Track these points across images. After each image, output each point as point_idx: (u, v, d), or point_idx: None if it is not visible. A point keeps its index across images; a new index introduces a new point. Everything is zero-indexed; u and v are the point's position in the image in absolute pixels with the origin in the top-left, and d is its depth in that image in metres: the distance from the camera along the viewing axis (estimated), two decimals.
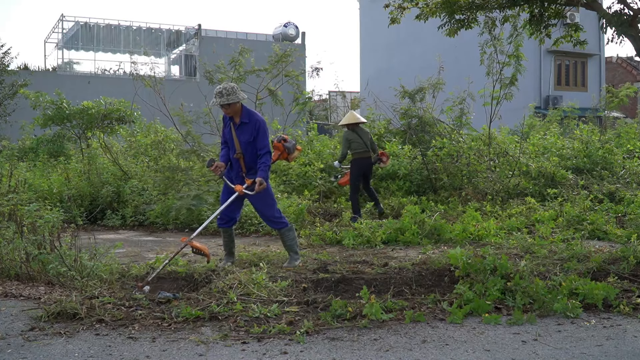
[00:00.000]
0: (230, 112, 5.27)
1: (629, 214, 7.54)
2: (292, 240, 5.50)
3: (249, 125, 5.28)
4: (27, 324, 3.79)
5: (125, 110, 11.61)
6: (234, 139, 5.33)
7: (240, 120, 5.30)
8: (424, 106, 10.91)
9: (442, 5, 6.94)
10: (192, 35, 30.80)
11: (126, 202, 8.92)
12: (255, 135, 5.25)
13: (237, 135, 5.32)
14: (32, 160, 12.45)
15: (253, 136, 5.25)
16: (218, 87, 5.25)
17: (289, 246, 5.50)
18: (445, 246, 6.41)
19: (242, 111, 5.31)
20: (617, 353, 3.36)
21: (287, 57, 10.47)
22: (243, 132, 5.30)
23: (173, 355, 3.31)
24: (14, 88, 20.98)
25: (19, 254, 4.98)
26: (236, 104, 5.23)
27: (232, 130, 5.34)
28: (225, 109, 5.25)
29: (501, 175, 9.57)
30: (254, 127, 5.26)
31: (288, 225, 5.51)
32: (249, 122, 5.28)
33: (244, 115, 5.30)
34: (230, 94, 5.16)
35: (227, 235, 5.57)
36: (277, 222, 5.45)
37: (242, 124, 5.30)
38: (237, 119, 5.32)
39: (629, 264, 4.88)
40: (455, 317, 3.87)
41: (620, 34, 6.15)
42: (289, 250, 5.52)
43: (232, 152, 5.40)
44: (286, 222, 5.50)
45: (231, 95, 5.16)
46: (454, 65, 16.25)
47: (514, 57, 9.61)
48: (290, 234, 5.49)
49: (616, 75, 30.74)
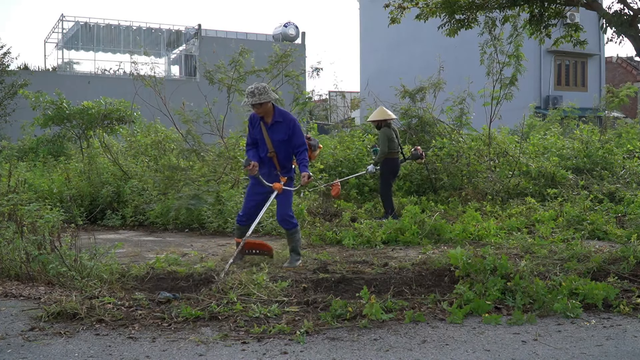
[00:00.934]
0: (262, 111, 5.34)
1: (629, 214, 7.54)
2: (297, 241, 5.59)
3: (283, 124, 5.38)
4: (27, 324, 3.79)
5: (125, 110, 11.62)
6: (265, 139, 5.40)
7: (273, 119, 5.38)
8: (424, 106, 10.91)
9: (442, 5, 6.94)
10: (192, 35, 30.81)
11: (126, 202, 8.91)
12: (290, 133, 5.37)
13: (270, 135, 5.40)
14: (32, 160, 12.46)
15: (288, 135, 5.37)
16: (250, 87, 5.32)
17: (294, 247, 5.56)
18: (445, 246, 6.41)
19: (275, 110, 5.41)
20: (617, 353, 3.36)
21: (287, 57, 10.47)
22: (276, 131, 5.39)
23: (173, 355, 3.31)
24: (14, 88, 20.98)
25: (19, 254, 4.98)
26: (267, 103, 5.30)
27: (264, 129, 5.40)
28: (256, 109, 5.32)
29: (501, 175, 9.57)
30: (288, 125, 5.38)
31: (297, 226, 5.60)
32: (283, 121, 5.39)
33: (276, 114, 5.40)
34: (262, 93, 5.23)
35: (241, 232, 5.60)
36: (290, 221, 5.54)
37: (275, 123, 5.39)
38: (268, 119, 5.40)
39: (629, 264, 4.88)
40: (455, 317, 3.87)
41: (620, 34, 6.15)
42: (293, 250, 5.57)
43: (262, 152, 5.47)
44: (296, 223, 5.61)
45: (263, 94, 5.22)
46: (454, 65, 16.25)
47: (514, 57, 9.61)
48: (297, 235, 5.58)
49: (616, 75, 30.74)
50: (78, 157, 11.31)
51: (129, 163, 10.45)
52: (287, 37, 30.97)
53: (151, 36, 30.99)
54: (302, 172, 5.40)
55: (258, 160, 5.44)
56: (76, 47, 30.07)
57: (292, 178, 5.64)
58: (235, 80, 9.98)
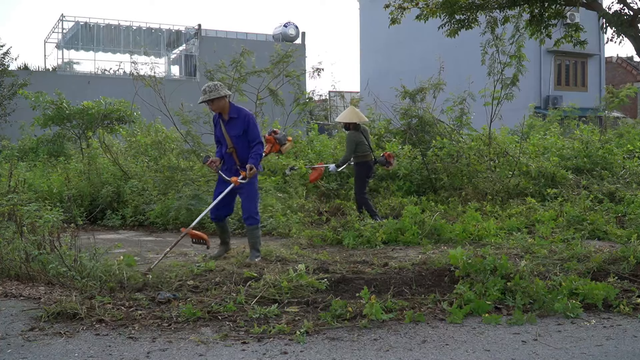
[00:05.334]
0: (217, 108, 5.56)
1: (629, 214, 7.54)
2: (257, 237, 5.77)
3: (238, 119, 5.58)
4: (27, 324, 3.79)
5: (125, 110, 11.62)
6: (224, 135, 5.61)
7: (228, 115, 5.60)
8: (424, 106, 10.91)
9: (442, 5, 6.94)
10: (192, 35, 30.76)
11: (126, 202, 8.91)
12: (245, 128, 5.56)
13: (228, 131, 5.61)
14: (32, 160, 12.46)
15: (243, 129, 5.56)
16: (203, 86, 5.53)
17: (253, 243, 5.74)
18: (445, 246, 6.40)
19: (230, 107, 5.61)
20: (617, 353, 3.36)
21: (288, 58, 10.49)
22: (233, 127, 5.59)
23: (173, 355, 3.31)
24: (14, 88, 20.97)
25: (19, 254, 4.98)
26: (220, 99, 5.51)
27: (222, 126, 5.62)
28: (211, 106, 5.55)
29: (501, 175, 9.57)
30: (243, 120, 5.57)
31: (259, 223, 5.82)
32: (238, 116, 5.59)
33: (232, 110, 5.61)
34: (213, 90, 5.45)
35: (219, 227, 5.94)
36: (254, 218, 5.73)
37: (231, 119, 5.60)
38: (225, 115, 5.62)
39: (629, 264, 4.87)
40: (455, 317, 3.87)
41: (620, 34, 6.16)
42: (252, 247, 5.74)
43: (224, 148, 5.69)
44: (259, 220, 5.82)
45: (214, 91, 5.44)
46: (454, 65, 16.24)
47: (515, 58, 9.60)
48: (257, 232, 5.78)
49: (616, 75, 30.74)
50: (78, 157, 11.31)
51: (129, 163, 10.45)
52: (287, 37, 30.92)
53: (151, 36, 30.95)
54: (248, 163, 5.53)
55: (220, 156, 5.68)
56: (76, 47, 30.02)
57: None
58: (236, 81, 9.99)
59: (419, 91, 10.81)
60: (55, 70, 29.29)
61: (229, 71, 10.04)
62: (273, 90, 10.59)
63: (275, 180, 9.39)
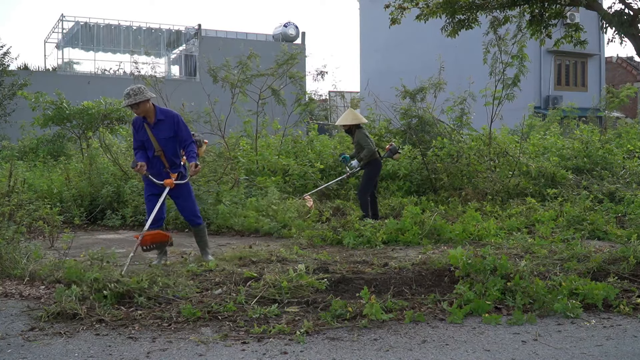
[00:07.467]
0: (141, 112, 5.43)
1: (629, 214, 7.54)
2: (205, 236, 5.82)
3: (165, 121, 5.50)
4: (27, 324, 3.80)
5: (125, 110, 11.59)
6: (150, 139, 5.48)
7: (155, 118, 5.49)
8: (424, 106, 10.90)
9: (442, 5, 6.94)
10: (192, 35, 30.76)
11: (126, 202, 8.91)
12: (176, 129, 5.50)
13: (156, 134, 5.49)
14: (32, 160, 12.45)
15: (174, 130, 5.50)
16: (126, 90, 5.41)
17: (204, 242, 5.80)
18: (445, 246, 6.40)
19: (156, 110, 5.50)
20: (617, 353, 3.36)
21: (293, 59, 10.52)
22: (161, 130, 5.50)
23: (173, 355, 3.31)
24: (14, 88, 20.96)
25: (19, 254, 4.98)
26: (145, 103, 5.39)
27: (148, 130, 5.49)
28: (135, 110, 5.41)
29: (501, 175, 9.57)
30: (172, 122, 5.50)
31: (203, 223, 5.86)
32: (165, 118, 5.51)
33: (158, 113, 5.51)
34: (138, 93, 5.32)
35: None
36: (198, 216, 5.76)
37: (158, 121, 5.50)
38: (151, 119, 5.49)
39: (629, 264, 4.87)
40: (455, 317, 3.87)
41: (620, 34, 6.15)
42: (204, 246, 5.80)
43: (150, 152, 5.55)
44: (202, 218, 5.86)
45: (138, 95, 5.32)
46: (454, 65, 16.23)
47: (517, 58, 9.60)
48: (205, 231, 5.83)
49: (616, 75, 30.74)
50: (78, 157, 11.31)
51: (129, 163, 10.44)
52: (287, 37, 30.91)
53: (151, 36, 30.95)
54: (189, 163, 5.49)
55: (146, 160, 5.52)
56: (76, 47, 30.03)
57: (183, 173, 5.71)
58: (240, 82, 10.01)
59: (419, 91, 10.80)
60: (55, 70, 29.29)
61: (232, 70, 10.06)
62: (275, 90, 10.60)
63: (275, 180, 9.40)
